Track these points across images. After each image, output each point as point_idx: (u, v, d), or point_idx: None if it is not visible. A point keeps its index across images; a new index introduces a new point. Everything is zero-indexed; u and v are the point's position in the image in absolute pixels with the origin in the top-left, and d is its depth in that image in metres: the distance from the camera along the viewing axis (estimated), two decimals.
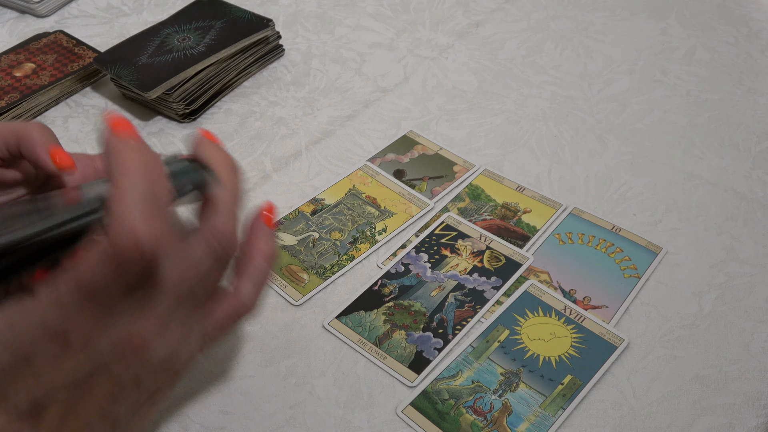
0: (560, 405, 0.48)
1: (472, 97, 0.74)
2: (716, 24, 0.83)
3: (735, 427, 0.46)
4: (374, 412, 0.48)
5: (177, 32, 0.76)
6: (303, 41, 0.82)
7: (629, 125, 0.70)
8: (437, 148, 0.67)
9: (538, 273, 0.56)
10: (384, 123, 0.71)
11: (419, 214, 0.61)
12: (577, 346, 0.51)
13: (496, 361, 0.50)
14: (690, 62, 0.78)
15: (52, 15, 0.87)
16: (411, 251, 0.58)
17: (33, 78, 0.73)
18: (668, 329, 0.52)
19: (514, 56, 0.79)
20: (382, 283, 0.56)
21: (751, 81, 0.75)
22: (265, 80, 0.76)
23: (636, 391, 0.49)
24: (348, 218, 0.61)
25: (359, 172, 0.65)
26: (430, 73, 0.77)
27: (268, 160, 0.67)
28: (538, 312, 0.53)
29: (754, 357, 0.50)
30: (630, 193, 0.63)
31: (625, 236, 0.59)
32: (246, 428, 0.47)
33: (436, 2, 0.88)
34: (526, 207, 0.61)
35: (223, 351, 0.51)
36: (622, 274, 0.56)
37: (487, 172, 0.65)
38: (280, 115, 0.72)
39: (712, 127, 0.69)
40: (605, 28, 0.83)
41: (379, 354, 0.51)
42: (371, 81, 0.76)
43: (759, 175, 0.64)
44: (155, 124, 0.71)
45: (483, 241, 0.59)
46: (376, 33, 0.83)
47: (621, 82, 0.75)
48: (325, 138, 0.69)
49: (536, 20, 0.85)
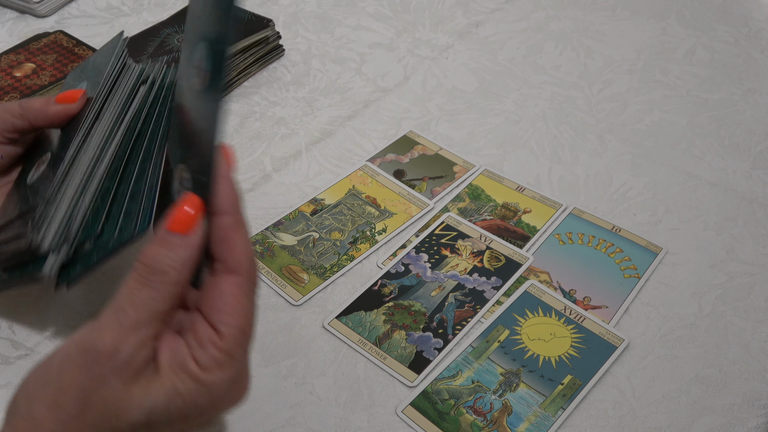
0: (560, 405, 0.48)
1: (472, 97, 0.74)
2: (716, 24, 0.83)
3: (735, 427, 0.46)
4: (374, 412, 0.48)
5: (177, 32, 0.76)
6: (303, 41, 0.82)
7: (629, 125, 0.70)
8: (437, 148, 0.67)
9: (538, 273, 0.56)
10: (384, 123, 0.71)
11: (419, 215, 0.61)
12: (577, 346, 0.51)
13: (496, 361, 0.50)
14: (690, 62, 0.78)
15: (52, 15, 0.87)
16: (411, 251, 0.58)
17: (33, 78, 0.73)
18: (668, 329, 0.52)
19: (514, 56, 0.79)
20: (382, 283, 0.56)
21: (751, 81, 0.75)
22: (265, 80, 0.76)
23: (636, 391, 0.49)
24: (348, 218, 0.61)
25: (359, 172, 0.65)
26: (430, 73, 0.77)
27: (268, 160, 0.67)
28: (538, 312, 0.53)
29: (754, 357, 0.50)
30: (630, 193, 0.63)
31: (625, 236, 0.59)
32: (246, 428, 0.47)
33: (436, 2, 0.88)
34: (526, 207, 0.61)
35: None
36: (622, 274, 0.56)
37: (487, 172, 0.65)
38: (280, 115, 0.72)
39: (712, 127, 0.69)
40: (605, 28, 0.83)
41: (379, 354, 0.51)
42: (371, 81, 0.76)
43: (759, 175, 0.64)
44: None
45: (483, 241, 0.59)
46: (376, 33, 0.83)
47: (621, 82, 0.75)
48: (325, 138, 0.69)
49: (536, 20, 0.85)
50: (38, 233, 0.43)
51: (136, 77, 0.49)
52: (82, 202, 0.44)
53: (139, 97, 0.48)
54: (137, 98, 0.48)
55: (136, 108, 0.48)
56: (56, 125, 0.50)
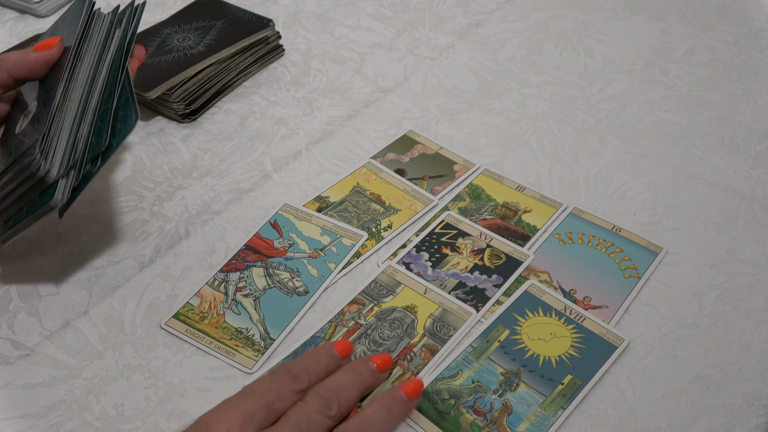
0: (560, 405, 0.48)
1: (472, 96, 0.74)
2: (716, 24, 0.83)
3: (735, 427, 0.46)
4: None
5: (177, 32, 0.76)
6: (303, 41, 0.82)
7: (629, 125, 0.70)
8: (437, 147, 0.67)
9: (538, 273, 0.56)
10: (384, 123, 0.71)
11: (423, 211, 0.61)
12: (577, 346, 0.51)
13: (496, 361, 0.50)
14: (690, 62, 0.78)
15: (52, 15, 0.87)
16: (411, 250, 0.58)
17: None
18: (668, 329, 0.52)
19: (514, 56, 0.79)
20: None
21: (751, 81, 0.75)
22: (265, 80, 0.76)
23: (636, 391, 0.49)
24: (353, 215, 0.61)
25: (363, 169, 0.65)
26: (430, 73, 0.77)
27: (268, 160, 0.67)
28: (538, 312, 0.53)
29: (754, 357, 0.50)
30: (630, 193, 0.63)
31: (625, 236, 0.59)
32: None
33: (436, 2, 0.88)
34: (527, 207, 0.61)
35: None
36: (622, 274, 0.56)
37: (487, 172, 0.65)
38: (280, 115, 0.72)
39: (712, 127, 0.69)
40: (605, 28, 0.83)
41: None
42: (371, 81, 0.76)
43: (759, 175, 0.64)
44: (155, 124, 0.71)
45: (483, 239, 0.59)
46: (376, 33, 0.83)
47: (621, 82, 0.75)
48: (325, 138, 0.69)
49: (536, 20, 0.85)
50: (46, 161, 0.46)
51: (109, 22, 0.52)
52: (84, 127, 0.48)
53: (116, 38, 0.52)
54: (114, 39, 0.51)
55: (116, 45, 0.51)
56: (36, 74, 0.50)
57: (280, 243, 0.58)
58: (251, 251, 0.58)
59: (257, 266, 0.57)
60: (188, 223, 0.61)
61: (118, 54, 0.51)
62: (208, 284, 0.55)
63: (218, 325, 0.53)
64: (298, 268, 0.56)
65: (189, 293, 0.55)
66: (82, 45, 0.51)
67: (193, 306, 0.54)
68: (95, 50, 0.51)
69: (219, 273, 0.56)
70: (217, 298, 0.54)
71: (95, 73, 0.50)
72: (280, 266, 0.57)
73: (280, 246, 0.58)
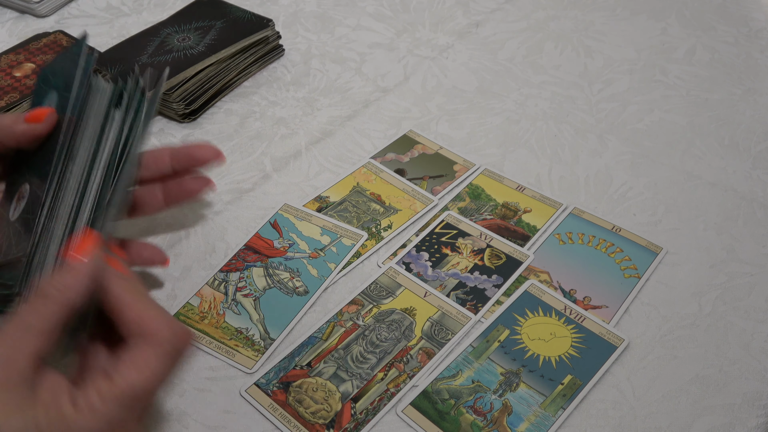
0: (560, 405, 0.48)
1: (472, 96, 0.74)
2: (716, 24, 0.83)
3: (735, 427, 0.46)
4: None
5: (177, 32, 0.76)
6: (303, 41, 0.82)
7: (629, 125, 0.70)
8: (437, 147, 0.67)
9: (538, 273, 0.56)
10: (384, 123, 0.71)
11: (423, 211, 0.61)
12: (577, 346, 0.51)
13: (496, 361, 0.50)
14: (690, 62, 0.78)
15: (52, 15, 0.87)
16: (411, 250, 0.58)
17: (33, 78, 0.73)
18: (668, 329, 0.52)
19: (514, 56, 0.79)
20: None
21: (751, 81, 0.75)
22: (265, 80, 0.76)
23: (636, 391, 0.49)
24: (353, 215, 0.61)
25: (363, 169, 0.65)
26: (430, 73, 0.77)
27: (268, 160, 0.67)
28: (538, 312, 0.53)
29: (754, 357, 0.50)
30: (630, 193, 0.63)
31: (625, 236, 0.59)
32: (247, 427, 0.47)
33: (436, 2, 0.88)
34: (527, 207, 0.61)
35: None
36: (622, 274, 0.56)
37: (487, 172, 0.65)
38: (280, 115, 0.72)
39: (712, 127, 0.69)
40: (605, 28, 0.83)
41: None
42: (371, 81, 0.76)
43: (759, 175, 0.64)
44: (155, 124, 0.71)
45: (483, 239, 0.59)
46: (376, 33, 0.83)
47: (621, 82, 0.75)
48: (325, 138, 0.69)
49: (536, 20, 0.85)
50: (21, 285, 0.42)
51: (107, 100, 0.44)
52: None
53: (114, 128, 0.44)
54: (112, 130, 0.44)
55: (112, 146, 0.44)
56: (25, 146, 0.46)
57: (280, 243, 0.58)
58: (251, 251, 0.58)
59: (257, 266, 0.57)
60: (188, 223, 0.61)
61: (114, 156, 0.43)
62: (208, 284, 0.55)
63: (218, 325, 0.53)
64: (298, 268, 0.56)
65: (189, 293, 0.55)
66: (75, 134, 0.44)
67: (193, 306, 0.54)
68: (90, 143, 0.44)
69: (219, 273, 0.56)
70: (217, 298, 0.54)
71: (87, 179, 0.43)
72: (280, 266, 0.57)
73: (280, 246, 0.58)
